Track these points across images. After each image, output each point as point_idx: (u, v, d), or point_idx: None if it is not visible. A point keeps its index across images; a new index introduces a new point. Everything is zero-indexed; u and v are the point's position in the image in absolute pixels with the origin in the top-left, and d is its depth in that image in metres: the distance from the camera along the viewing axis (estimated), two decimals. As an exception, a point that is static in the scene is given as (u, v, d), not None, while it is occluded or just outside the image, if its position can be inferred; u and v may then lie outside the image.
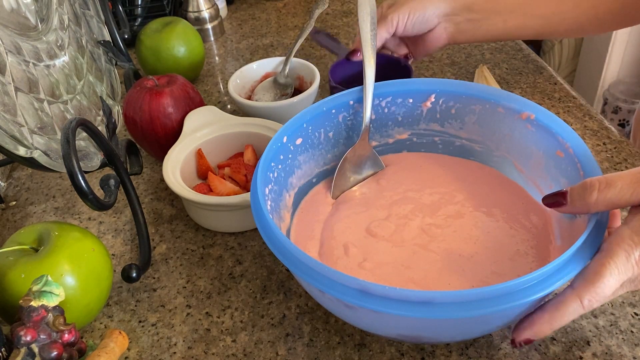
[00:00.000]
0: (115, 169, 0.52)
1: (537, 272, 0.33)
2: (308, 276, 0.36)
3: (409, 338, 0.41)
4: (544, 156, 0.47)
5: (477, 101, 0.50)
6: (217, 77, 0.83)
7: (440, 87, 0.51)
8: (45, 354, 0.38)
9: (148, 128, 0.60)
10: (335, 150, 0.53)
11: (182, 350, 0.46)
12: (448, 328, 0.37)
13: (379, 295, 0.34)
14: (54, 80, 0.52)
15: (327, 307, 0.41)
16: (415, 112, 0.53)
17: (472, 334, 0.41)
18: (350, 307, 0.36)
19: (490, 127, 0.51)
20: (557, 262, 0.34)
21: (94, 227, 0.59)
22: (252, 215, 0.53)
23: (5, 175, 0.67)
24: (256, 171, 0.44)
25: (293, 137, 0.49)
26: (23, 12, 0.51)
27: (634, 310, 0.45)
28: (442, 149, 0.55)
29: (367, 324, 0.40)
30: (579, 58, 1.76)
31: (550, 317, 0.36)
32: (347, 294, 0.34)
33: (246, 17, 1.00)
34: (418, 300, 0.33)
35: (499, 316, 0.36)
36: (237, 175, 0.57)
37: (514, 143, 0.50)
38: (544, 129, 0.46)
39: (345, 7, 0.99)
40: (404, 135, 0.55)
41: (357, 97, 0.51)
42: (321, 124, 0.51)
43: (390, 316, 0.35)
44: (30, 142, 0.43)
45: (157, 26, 0.76)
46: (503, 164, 0.51)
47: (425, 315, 0.33)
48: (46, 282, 0.40)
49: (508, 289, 0.33)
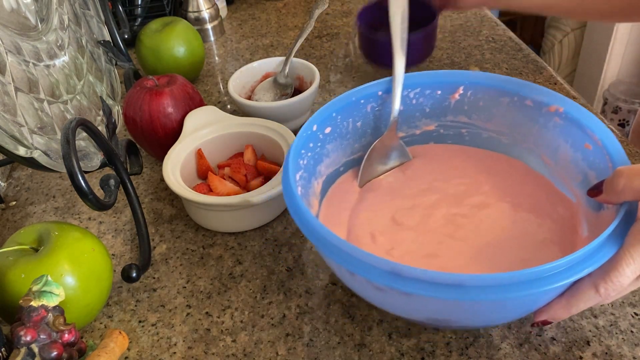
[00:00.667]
0: (115, 169, 0.52)
1: (566, 259, 0.34)
2: (339, 258, 0.36)
3: (437, 322, 0.42)
4: (571, 149, 0.47)
5: (505, 94, 0.50)
6: (217, 77, 0.83)
7: (469, 79, 0.51)
8: (45, 354, 0.38)
9: (148, 128, 0.60)
10: (363, 140, 0.54)
11: (182, 350, 0.46)
12: (477, 312, 0.38)
13: (409, 277, 0.34)
14: (54, 80, 0.52)
15: (356, 290, 0.41)
16: (443, 103, 0.53)
17: (500, 319, 0.41)
18: (380, 290, 0.37)
19: (518, 119, 0.51)
20: (586, 250, 0.34)
21: (94, 227, 0.59)
22: (251, 215, 0.54)
23: (5, 175, 0.67)
24: (287, 158, 0.45)
25: (322, 126, 0.49)
26: (23, 12, 0.51)
27: (634, 310, 0.45)
28: (468, 140, 0.55)
29: (396, 307, 0.40)
30: (579, 58, 1.76)
31: (567, 303, 0.37)
32: (378, 275, 0.35)
33: (246, 17, 1.00)
34: (448, 283, 0.34)
35: (526, 301, 0.37)
36: (237, 175, 0.57)
37: (542, 136, 0.49)
38: (572, 122, 0.46)
39: (345, 7, 0.99)
40: (431, 127, 0.55)
41: (386, 87, 0.52)
42: (350, 114, 0.51)
43: (420, 299, 0.36)
44: (30, 142, 0.43)
45: (157, 26, 0.76)
46: (530, 156, 0.51)
47: (455, 298, 0.34)
48: (46, 282, 0.40)
49: (537, 274, 0.34)
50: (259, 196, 0.51)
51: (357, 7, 0.98)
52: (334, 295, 0.49)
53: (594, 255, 0.35)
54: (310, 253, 0.53)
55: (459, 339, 0.44)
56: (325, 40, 0.89)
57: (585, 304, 0.37)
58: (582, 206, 0.46)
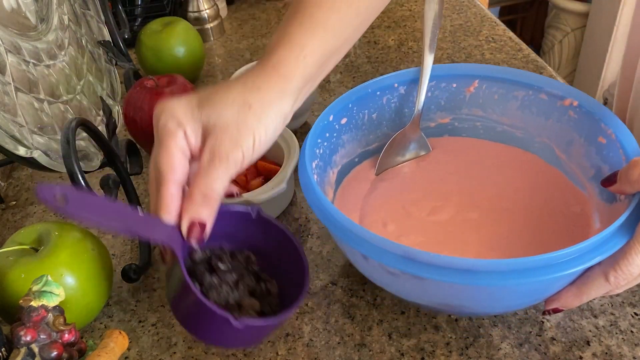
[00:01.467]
0: (115, 169, 0.52)
1: (577, 247, 0.34)
2: (354, 242, 0.37)
3: (451, 307, 0.42)
4: (585, 142, 0.47)
5: (520, 87, 0.51)
6: (217, 77, 0.83)
7: (485, 72, 0.52)
8: (45, 354, 0.38)
9: (148, 128, 0.60)
10: (378, 131, 0.54)
11: (182, 350, 0.46)
12: (489, 298, 0.39)
13: (422, 261, 0.35)
14: (54, 80, 0.52)
15: (369, 275, 0.42)
16: (459, 96, 0.54)
17: (511, 306, 0.42)
18: (394, 274, 0.38)
19: (533, 113, 0.51)
20: (597, 238, 0.35)
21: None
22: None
23: (5, 175, 0.67)
24: (304, 146, 0.45)
25: (338, 117, 0.50)
26: (23, 12, 0.51)
27: (634, 310, 0.45)
28: (483, 134, 0.55)
29: (410, 292, 0.41)
30: (578, 58, 1.76)
31: (578, 291, 0.38)
32: (392, 259, 0.36)
33: (246, 17, 1.00)
34: (461, 268, 0.34)
35: (538, 288, 0.37)
36: (237, 175, 0.57)
37: (556, 129, 0.50)
38: (586, 116, 0.46)
39: (345, 7, 0.99)
40: (446, 120, 0.55)
41: (402, 80, 0.52)
42: (365, 105, 0.52)
43: (432, 283, 0.36)
44: (30, 142, 0.43)
45: (157, 26, 0.76)
46: (543, 149, 0.52)
47: (468, 283, 0.34)
48: (46, 282, 0.40)
49: (549, 260, 0.34)
50: (259, 196, 0.51)
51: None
52: (334, 295, 0.49)
53: (605, 244, 0.35)
54: (310, 253, 0.53)
55: (459, 339, 0.44)
56: (325, 40, 0.89)
57: (596, 292, 0.37)
58: (595, 199, 0.46)
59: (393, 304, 0.47)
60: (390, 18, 0.93)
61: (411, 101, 0.54)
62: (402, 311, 0.47)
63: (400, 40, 0.86)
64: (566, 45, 1.80)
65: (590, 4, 1.67)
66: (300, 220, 0.57)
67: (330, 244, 0.53)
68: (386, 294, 0.48)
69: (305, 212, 0.57)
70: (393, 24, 0.91)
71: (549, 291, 0.39)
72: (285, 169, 0.54)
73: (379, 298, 0.48)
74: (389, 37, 0.88)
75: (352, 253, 0.41)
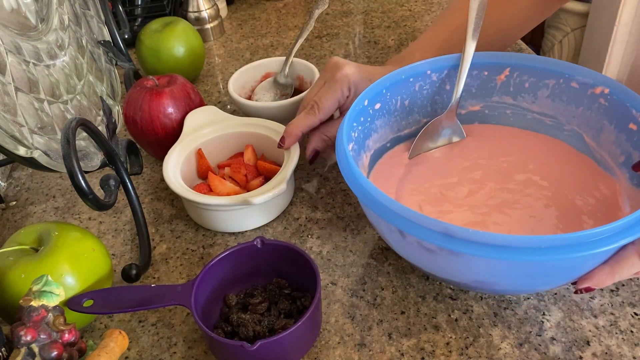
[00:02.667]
0: (115, 169, 0.52)
1: (612, 225, 0.35)
2: (392, 218, 0.38)
3: (483, 285, 0.43)
4: (615, 129, 0.48)
5: (551, 75, 0.51)
6: (217, 77, 0.83)
7: (516, 60, 0.53)
8: (46, 353, 0.38)
9: (148, 128, 0.60)
10: (410, 118, 0.56)
11: (182, 350, 0.46)
12: (523, 275, 0.39)
13: (461, 237, 0.36)
14: (54, 80, 0.52)
15: (405, 252, 0.43)
16: (490, 84, 0.55)
17: (543, 284, 0.42)
18: (430, 251, 0.39)
19: (563, 101, 0.52)
20: (631, 218, 0.36)
21: (94, 227, 0.59)
22: (251, 216, 0.54)
23: (5, 175, 0.67)
24: (341, 129, 0.47)
25: (373, 102, 0.51)
26: (23, 12, 0.51)
27: (634, 310, 0.45)
28: (513, 121, 0.56)
29: (444, 269, 0.42)
30: (578, 58, 1.76)
31: (611, 269, 0.39)
32: (430, 235, 0.37)
33: (246, 17, 1.00)
34: (498, 244, 0.35)
35: (571, 265, 0.38)
36: (237, 175, 0.57)
37: (586, 117, 0.51)
38: (617, 103, 0.47)
39: (345, 7, 0.99)
40: (477, 107, 0.56)
41: (434, 67, 0.54)
42: (398, 91, 0.53)
43: (469, 259, 0.37)
44: (31, 142, 0.43)
45: (157, 26, 0.76)
46: (573, 137, 0.52)
47: (505, 258, 0.35)
48: (46, 282, 0.40)
49: (583, 238, 0.35)
50: (259, 196, 0.51)
51: (358, 7, 0.98)
52: (334, 295, 0.49)
53: (639, 224, 0.36)
54: (310, 253, 0.53)
55: (459, 339, 0.44)
56: (325, 40, 0.89)
57: (629, 270, 0.38)
58: (625, 184, 0.47)
59: (393, 303, 0.47)
60: (390, 18, 0.93)
61: (443, 88, 0.55)
62: (402, 311, 0.47)
63: (400, 40, 0.86)
64: (566, 45, 1.80)
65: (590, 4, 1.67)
66: (300, 220, 0.57)
67: (330, 244, 0.53)
68: (386, 293, 0.48)
69: (305, 212, 0.57)
70: (393, 24, 0.91)
71: (582, 270, 0.39)
72: (285, 169, 0.54)
73: (379, 298, 0.48)
74: (389, 37, 0.88)
75: (389, 230, 0.41)
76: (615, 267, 0.39)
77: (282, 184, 0.52)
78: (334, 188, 0.60)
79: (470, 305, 0.46)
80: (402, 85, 0.53)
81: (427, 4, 0.96)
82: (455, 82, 0.54)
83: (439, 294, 0.48)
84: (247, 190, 0.56)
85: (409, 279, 0.49)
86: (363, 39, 0.88)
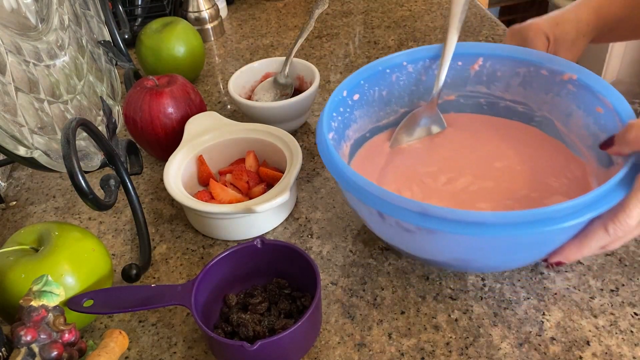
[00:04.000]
0: (115, 169, 0.52)
1: (578, 200, 0.37)
2: (371, 201, 0.40)
3: (460, 262, 0.44)
4: (583, 114, 0.50)
5: (522, 64, 0.53)
6: (217, 77, 0.83)
7: (488, 50, 0.55)
8: (46, 353, 0.38)
9: (148, 128, 0.60)
10: (388, 108, 0.57)
11: (182, 350, 0.46)
12: (496, 250, 0.42)
13: (436, 216, 0.38)
14: (54, 81, 0.52)
15: (385, 235, 0.45)
16: (463, 74, 0.56)
17: (517, 260, 0.44)
18: (409, 231, 0.41)
19: (534, 88, 0.54)
20: (597, 193, 0.38)
21: (94, 227, 0.59)
22: (254, 224, 0.54)
23: (5, 175, 0.67)
24: (321, 117, 0.48)
25: (351, 93, 0.53)
26: (23, 12, 0.52)
27: (634, 310, 0.45)
28: (486, 110, 0.58)
29: (422, 248, 0.44)
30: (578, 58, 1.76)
31: (580, 243, 0.41)
32: (408, 215, 0.39)
33: (246, 17, 1.00)
34: (471, 221, 0.37)
35: (541, 240, 0.40)
36: (239, 182, 0.57)
37: (555, 103, 0.52)
38: (585, 88, 0.49)
39: (345, 7, 0.99)
40: (452, 97, 0.58)
41: (410, 58, 0.55)
42: (376, 83, 0.55)
43: (444, 237, 0.39)
44: (31, 142, 0.43)
45: (157, 26, 0.76)
46: (544, 123, 0.54)
47: (478, 234, 0.37)
48: (46, 282, 0.40)
49: (552, 213, 0.37)
50: (262, 204, 0.50)
51: (358, 7, 0.98)
52: (334, 295, 0.49)
53: (604, 198, 0.38)
54: (310, 253, 0.53)
55: (459, 339, 0.44)
56: (325, 40, 0.89)
57: (596, 243, 0.40)
58: (593, 165, 0.49)
59: (393, 303, 0.47)
60: (390, 18, 0.93)
61: (419, 79, 0.56)
62: (402, 311, 0.47)
63: (400, 40, 0.86)
64: (566, 45, 1.80)
65: (590, 4, 1.67)
66: (300, 220, 0.57)
67: (331, 244, 0.53)
68: (386, 293, 0.48)
69: (306, 212, 0.57)
70: (393, 24, 0.91)
71: (552, 245, 0.41)
72: (288, 176, 0.53)
73: (379, 298, 0.48)
74: (389, 37, 0.88)
75: (370, 213, 0.43)
76: (583, 241, 0.40)
77: (285, 192, 0.51)
78: (334, 188, 0.60)
79: (470, 305, 0.47)
80: (380, 76, 0.55)
81: (427, 4, 0.96)
82: (430, 73, 0.55)
83: (439, 294, 0.48)
84: (249, 198, 0.55)
85: (409, 279, 0.49)
86: (363, 39, 0.88)
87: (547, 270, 0.48)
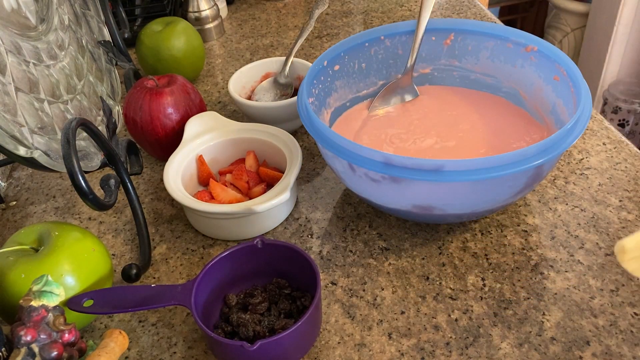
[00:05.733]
0: (115, 169, 0.52)
1: (526, 149, 0.42)
2: (342, 153, 0.45)
3: (423, 210, 0.48)
4: (543, 82, 0.55)
5: (489, 38, 0.58)
6: (217, 77, 0.83)
7: (459, 26, 0.60)
8: (46, 353, 0.38)
9: (148, 128, 0.60)
10: (367, 80, 0.62)
11: (182, 350, 0.46)
12: (457, 197, 0.46)
13: (399, 165, 0.43)
14: (54, 81, 0.52)
15: (357, 188, 0.50)
16: (437, 49, 0.61)
17: (478, 206, 0.47)
18: (375, 181, 0.46)
19: (501, 61, 0.59)
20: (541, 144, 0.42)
21: (94, 227, 0.59)
22: (254, 224, 0.54)
23: (5, 175, 0.67)
24: (302, 84, 0.53)
25: (332, 63, 0.58)
26: (23, 12, 0.52)
27: (634, 310, 0.45)
28: (459, 82, 0.63)
29: (388, 198, 0.48)
30: (578, 58, 1.76)
31: None
32: (374, 165, 0.43)
33: (246, 17, 1.00)
34: (431, 168, 0.42)
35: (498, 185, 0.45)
36: (239, 182, 0.57)
37: (519, 74, 0.58)
38: (544, 58, 0.54)
39: (345, 7, 0.99)
40: (427, 70, 0.63)
41: (388, 33, 0.60)
42: (356, 55, 0.60)
43: (407, 185, 0.45)
44: (31, 142, 0.43)
45: (157, 26, 0.76)
46: (511, 93, 0.60)
47: (436, 180, 0.42)
48: (46, 282, 0.40)
49: (507, 158, 0.41)
50: (262, 204, 0.50)
51: (358, 7, 0.98)
52: (334, 295, 0.49)
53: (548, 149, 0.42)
54: (310, 253, 0.53)
55: (459, 339, 0.44)
56: (325, 40, 0.89)
57: None
58: (552, 130, 0.54)
59: (393, 303, 0.47)
60: (390, 18, 0.93)
61: (396, 53, 0.61)
62: (402, 311, 0.47)
63: (400, 40, 0.86)
64: (566, 45, 1.80)
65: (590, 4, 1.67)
66: (300, 220, 0.57)
67: (330, 244, 0.53)
68: (386, 293, 0.48)
69: (306, 212, 0.57)
70: (393, 24, 0.91)
71: (509, 191, 0.46)
72: (288, 176, 0.53)
73: (379, 298, 0.48)
74: (389, 37, 0.88)
75: (342, 167, 0.48)
76: None
77: (285, 192, 0.51)
78: (334, 188, 0.60)
79: (470, 305, 0.47)
80: (359, 49, 0.60)
81: (427, 4, 0.96)
82: (407, 47, 0.60)
83: (439, 294, 0.48)
84: (250, 198, 0.55)
85: (409, 279, 0.49)
86: (363, 39, 0.88)
87: (547, 270, 0.49)
